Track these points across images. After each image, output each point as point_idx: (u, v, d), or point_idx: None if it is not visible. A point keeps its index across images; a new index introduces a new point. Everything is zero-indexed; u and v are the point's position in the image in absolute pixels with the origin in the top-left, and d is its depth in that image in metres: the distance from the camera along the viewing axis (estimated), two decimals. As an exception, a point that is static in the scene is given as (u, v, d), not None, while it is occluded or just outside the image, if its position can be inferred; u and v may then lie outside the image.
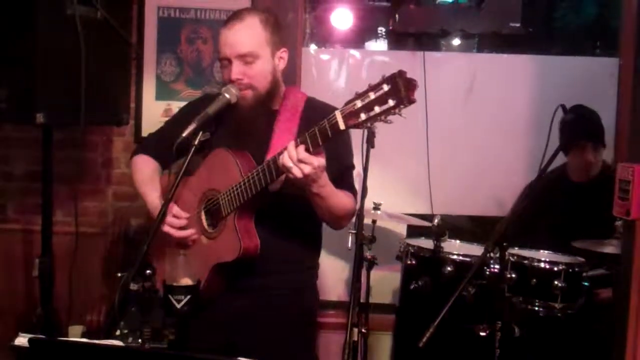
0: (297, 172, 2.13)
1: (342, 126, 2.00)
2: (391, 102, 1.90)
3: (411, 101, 1.90)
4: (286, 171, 2.16)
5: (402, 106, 1.90)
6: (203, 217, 2.51)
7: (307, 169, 2.12)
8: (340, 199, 2.39)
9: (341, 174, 2.48)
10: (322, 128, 2.06)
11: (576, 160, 3.64)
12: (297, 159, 2.11)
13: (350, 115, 1.98)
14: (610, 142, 3.95)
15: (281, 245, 2.48)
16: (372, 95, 1.94)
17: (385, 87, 1.91)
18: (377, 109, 1.93)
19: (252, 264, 2.43)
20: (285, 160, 2.14)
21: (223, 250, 2.39)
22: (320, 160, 2.14)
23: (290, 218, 2.44)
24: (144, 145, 2.86)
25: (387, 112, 1.92)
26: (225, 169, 2.39)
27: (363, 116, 1.96)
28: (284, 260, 2.51)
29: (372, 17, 5.36)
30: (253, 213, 2.39)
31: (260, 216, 2.41)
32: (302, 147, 2.12)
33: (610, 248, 3.19)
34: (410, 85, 1.89)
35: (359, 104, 1.96)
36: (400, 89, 1.88)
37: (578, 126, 3.54)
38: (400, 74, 1.90)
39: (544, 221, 3.76)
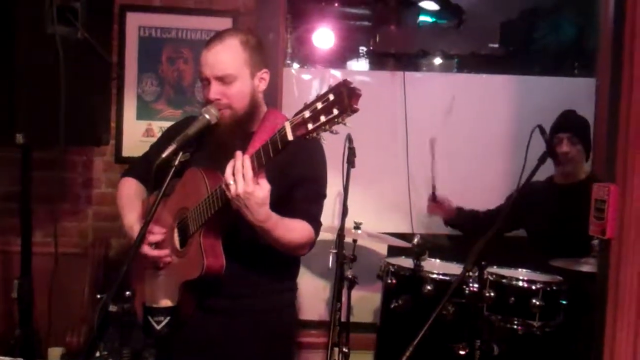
0: (232, 188, 2.12)
1: (290, 137, 1.99)
2: (335, 111, 1.89)
3: (354, 110, 1.88)
4: (225, 186, 2.15)
5: (345, 115, 1.89)
6: (176, 236, 2.51)
7: (240, 188, 2.11)
8: (286, 233, 2.34)
9: (304, 202, 2.45)
10: (273, 140, 2.05)
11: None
12: (236, 168, 2.12)
13: (298, 126, 1.97)
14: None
15: (256, 267, 2.47)
16: (319, 105, 1.93)
17: (331, 97, 1.90)
18: (322, 118, 1.91)
19: (226, 286, 2.42)
20: (227, 170, 2.14)
21: (189, 268, 2.38)
22: (256, 189, 2.13)
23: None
24: (129, 168, 2.86)
25: (331, 121, 1.91)
26: (195, 187, 2.39)
27: (310, 126, 1.94)
28: (258, 283, 2.50)
29: (354, 37, 5.41)
30: (220, 231, 2.38)
31: (232, 238, 2.39)
32: (247, 160, 2.12)
33: (587, 267, 3.21)
34: (354, 94, 1.88)
35: (307, 114, 1.95)
36: (344, 98, 1.87)
37: (557, 122, 3.67)
38: (345, 83, 1.89)
39: (529, 224, 3.83)
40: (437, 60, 4.94)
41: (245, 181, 2.12)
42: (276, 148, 2.05)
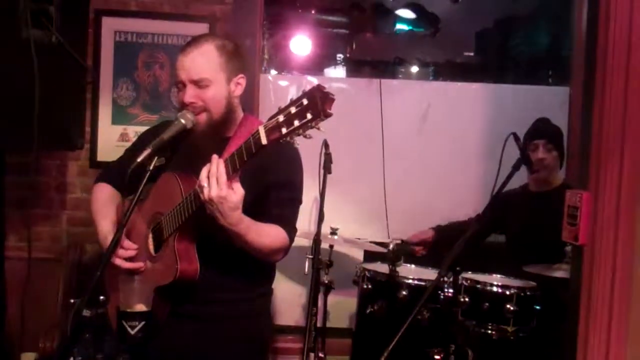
0: (205, 191, 2.12)
1: (264, 141, 1.99)
2: (309, 116, 1.90)
3: (327, 115, 1.89)
4: (199, 189, 2.15)
5: (319, 119, 1.90)
6: (150, 241, 2.50)
7: (214, 191, 2.11)
8: (259, 237, 2.34)
9: (278, 207, 2.44)
10: (247, 144, 2.06)
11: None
12: (211, 172, 2.12)
13: (272, 130, 1.97)
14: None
15: (231, 273, 2.46)
16: (292, 110, 1.93)
17: (305, 101, 1.91)
18: (296, 123, 1.92)
19: (200, 291, 2.41)
20: (202, 173, 2.14)
21: (163, 273, 2.37)
22: (230, 194, 2.13)
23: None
24: (103, 173, 2.84)
25: (305, 125, 1.91)
26: (170, 191, 2.38)
27: (284, 130, 1.95)
28: (232, 289, 2.49)
29: (331, 45, 5.43)
30: (194, 236, 2.37)
31: (206, 243, 2.39)
32: (222, 164, 2.12)
33: (561, 272, 3.24)
34: (327, 99, 1.89)
35: (281, 118, 1.96)
36: (317, 103, 1.88)
37: (532, 129, 3.69)
38: (319, 88, 1.90)
39: (506, 231, 3.86)
40: (413, 68, 4.98)
41: (218, 185, 2.12)
42: (250, 152, 2.06)
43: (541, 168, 3.64)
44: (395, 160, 4.30)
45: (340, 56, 5.46)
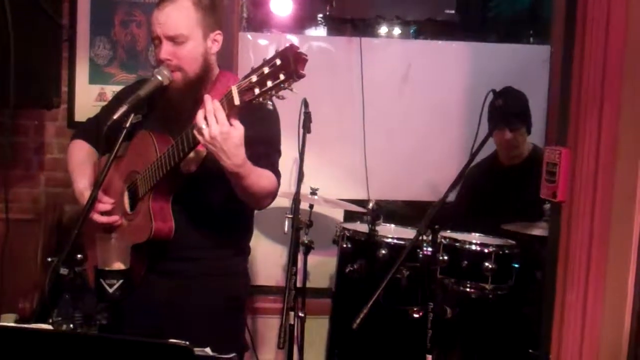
0: (205, 132, 2.07)
1: (236, 102, 1.98)
2: (282, 76, 1.88)
3: (300, 75, 1.88)
4: (197, 132, 2.09)
5: (291, 80, 1.89)
6: (126, 199, 2.50)
7: (215, 129, 2.06)
8: (259, 180, 2.31)
9: (265, 154, 2.42)
10: (220, 104, 2.04)
11: (497, 140, 3.71)
12: (207, 110, 2.06)
13: (245, 90, 1.96)
14: (543, 125, 4.08)
15: (208, 230, 2.46)
16: (266, 70, 1.92)
17: (278, 62, 1.90)
18: (269, 83, 1.91)
19: (176, 249, 2.42)
20: (199, 116, 2.08)
21: (138, 231, 2.37)
22: (231, 129, 2.08)
23: (212, 202, 2.40)
24: (80, 130, 2.81)
25: (278, 86, 1.90)
26: (145, 150, 2.37)
27: (257, 91, 1.94)
28: (208, 246, 2.49)
29: (311, 3, 5.37)
30: (170, 194, 2.36)
31: (181, 200, 2.38)
32: (217, 101, 2.07)
33: (539, 230, 3.26)
34: (300, 59, 1.88)
35: (254, 78, 1.94)
36: (290, 63, 1.87)
37: (499, 109, 3.63)
38: (291, 47, 1.89)
39: (477, 205, 3.84)
40: (394, 26, 4.94)
41: (219, 122, 2.07)
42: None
43: (509, 147, 3.67)
44: (376, 119, 4.28)
45: (320, 16, 5.40)
